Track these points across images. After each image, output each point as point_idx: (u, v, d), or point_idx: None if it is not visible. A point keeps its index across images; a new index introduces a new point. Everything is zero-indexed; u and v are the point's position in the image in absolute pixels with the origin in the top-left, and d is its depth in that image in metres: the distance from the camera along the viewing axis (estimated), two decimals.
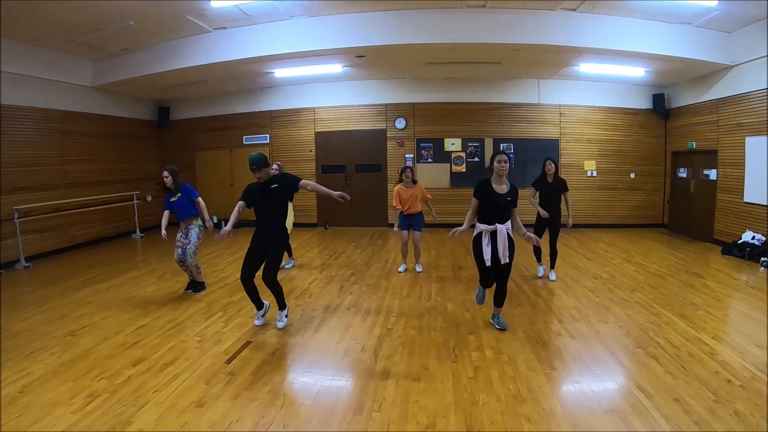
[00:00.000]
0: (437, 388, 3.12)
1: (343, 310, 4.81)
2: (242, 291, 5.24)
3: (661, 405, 2.81)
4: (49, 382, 3.26)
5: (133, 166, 10.16)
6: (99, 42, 7.46)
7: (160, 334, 4.17)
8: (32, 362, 3.59)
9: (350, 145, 10.43)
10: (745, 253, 7.06)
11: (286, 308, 4.41)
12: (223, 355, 3.69)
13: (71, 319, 4.64)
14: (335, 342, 3.94)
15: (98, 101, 9.10)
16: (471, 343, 3.92)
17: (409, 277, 6.15)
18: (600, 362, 3.47)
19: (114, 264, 7.20)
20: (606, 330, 4.14)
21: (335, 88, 10.31)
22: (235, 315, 4.69)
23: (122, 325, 4.42)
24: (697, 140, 8.84)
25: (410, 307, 4.90)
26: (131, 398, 3.01)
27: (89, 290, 5.71)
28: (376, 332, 4.15)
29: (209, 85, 9.65)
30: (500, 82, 10.00)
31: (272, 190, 4.13)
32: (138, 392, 3.09)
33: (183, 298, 5.30)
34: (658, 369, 3.32)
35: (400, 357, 3.62)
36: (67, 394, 3.07)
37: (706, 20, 6.98)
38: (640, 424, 2.60)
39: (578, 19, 6.94)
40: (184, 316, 4.66)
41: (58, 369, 3.47)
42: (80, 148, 8.68)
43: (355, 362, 3.53)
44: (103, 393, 3.08)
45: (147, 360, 3.61)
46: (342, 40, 7.16)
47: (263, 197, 4.14)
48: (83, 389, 3.13)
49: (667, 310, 4.65)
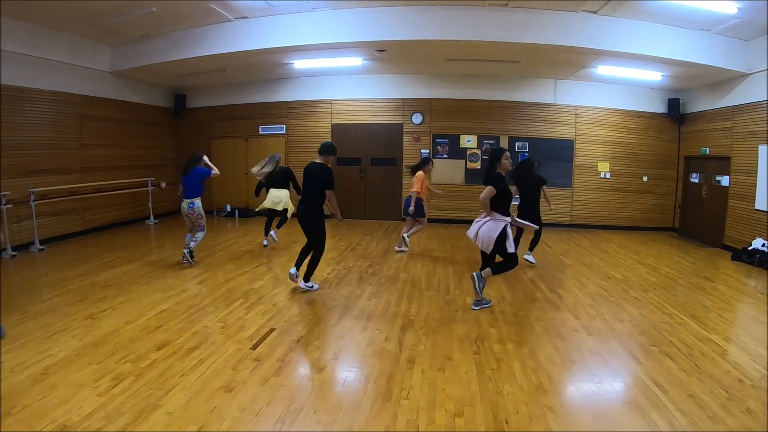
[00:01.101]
0: (462, 378, 3.21)
1: (364, 301, 4.89)
2: (262, 280, 5.55)
3: (676, 400, 2.92)
4: (73, 364, 3.25)
5: (149, 152, 10.24)
6: (120, 27, 7.52)
7: (183, 319, 4.20)
8: (54, 344, 3.59)
9: (366, 139, 10.48)
10: (754, 259, 7.11)
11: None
12: (248, 341, 3.74)
13: (91, 301, 4.66)
14: (359, 331, 4.02)
15: (116, 87, 9.16)
16: (492, 335, 4.01)
17: (427, 270, 6.24)
18: (617, 357, 3.59)
19: (131, 249, 7.29)
20: (621, 328, 4.25)
21: (353, 81, 10.36)
22: (257, 302, 4.75)
23: (143, 309, 4.44)
24: (710, 146, 8.86)
25: (430, 299, 4.99)
26: (158, 382, 3.01)
27: (108, 274, 5.76)
28: (398, 323, 4.24)
29: (227, 74, 9.70)
30: (517, 81, 10.03)
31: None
32: (164, 376, 3.10)
33: (203, 284, 5.37)
34: (672, 366, 3.43)
35: (424, 347, 3.71)
36: (92, 377, 3.06)
37: (725, 28, 7.02)
38: (658, 417, 2.71)
39: (599, 21, 6.96)
40: (205, 302, 4.71)
41: (80, 351, 3.46)
42: (97, 133, 8.75)
43: (381, 351, 3.61)
44: (128, 376, 3.08)
45: (171, 344, 3.63)
46: (364, 34, 7.20)
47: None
48: (108, 372, 3.13)
49: (680, 311, 4.75)
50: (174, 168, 11.10)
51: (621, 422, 2.69)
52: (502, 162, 4.35)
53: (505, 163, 4.36)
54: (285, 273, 5.90)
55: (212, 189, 11.20)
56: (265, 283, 5.43)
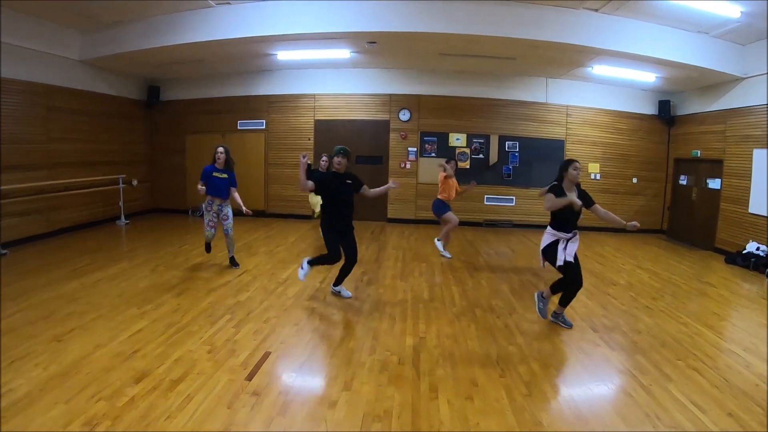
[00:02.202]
0: (494, 408, 2.85)
1: (365, 316, 4.44)
2: (248, 291, 5.01)
3: (717, 420, 2.78)
4: (38, 402, 2.70)
5: (120, 148, 9.50)
6: (92, 11, 6.84)
7: (162, 342, 3.62)
8: (15, 374, 3.01)
9: (351, 135, 10.00)
10: (749, 263, 7.09)
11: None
12: (242, 370, 3.22)
13: (57, 319, 4.04)
14: (367, 353, 3.57)
15: (85, 77, 8.41)
16: (513, 354, 3.67)
17: (426, 278, 5.87)
18: (647, 375, 3.37)
19: (102, 253, 6.63)
20: (642, 341, 4.06)
21: (337, 75, 9.87)
22: (245, 319, 4.22)
23: (116, 329, 3.85)
24: (702, 149, 8.82)
25: (437, 312, 4.59)
26: (140, 426, 2.51)
27: (76, 283, 5.12)
28: (408, 342, 3.82)
29: (205, 65, 9.07)
30: (509, 79, 9.76)
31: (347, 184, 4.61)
32: (147, 419, 2.58)
33: (182, 297, 4.79)
34: (703, 382, 3.29)
35: (444, 371, 3.32)
36: (61, 420, 2.53)
37: (724, 31, 6.99)
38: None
39: (599, 20, 6.77)
40: (186, 319, 4.14)
41: (45, 385, 2.90)
42: (65, 126, 7.99)
43: (397, 378, 3.18)
44: (103, 419, 2.55)
45: (151, 375, 3.07)
46: (356, 24, 6.73)
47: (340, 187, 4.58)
48: (79, 414, 2.60)
49: (693, 320, 4.64)
50: (147, 164, 10.40)
51: None
52: (569, 172, 3.99)
53: (572, 173, 3.99)
54: (272, 281, 5.42)
55: (187, 187, 10.52)
56: (252, 295, 4.91)
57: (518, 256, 7.43)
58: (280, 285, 5.31)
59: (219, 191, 5.70)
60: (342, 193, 4.58)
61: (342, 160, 4.55)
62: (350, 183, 4.63)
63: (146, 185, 10.41)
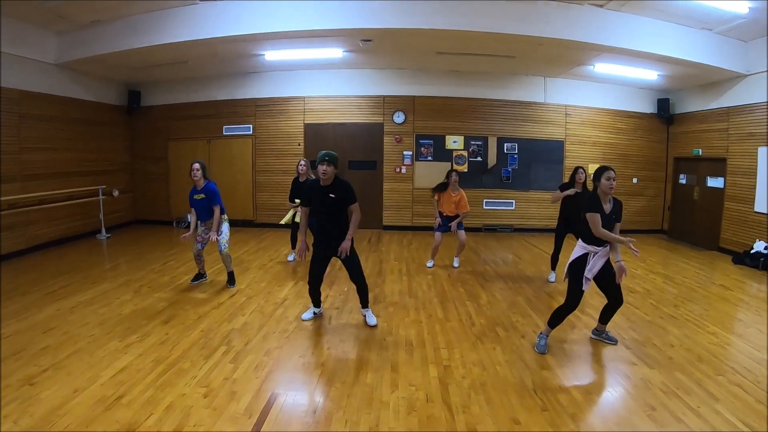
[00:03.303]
0: None
1: (378, 341, 3.98)
2: (244, 315, 4.51)
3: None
4: None
5: (100, 156, 8.90)
6: (68, 10, 6.31)
7: (150, 383, 3.13)
8: None
9: (343, 139, 9.59)
10: (758, 263, 6.95)
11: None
12: (246, 419, 2.74)
13: (30, 355, 3.54)
14: (389, 390, 3.11)
15: (62, 81, 7.82)
16: (549, 381, 3.32)
17: (436, 292, 5.47)
18: (692, 396, 3.13)
19: (80, 272, 6.06)
20: (676, 355, 3.81)
21: (328, 77, 9.43)
22: (243, 351, 3.72)
23: (96, 367, 3.35)
24: (703, 147, 8.65)
25: (456, 334, 4.18)
26: None
27: (52, 309, 4.58)
28: (432, 373, 3.39)
29: (188, 67, 8.54)
30: (506, 78, 9.45)
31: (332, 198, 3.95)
32: None
33: (169, 324, 4.26)
34: (749, 399, 3.11)
35: (479, 407, 2.92)
36: None
37: (727, 28, 6.87)
38: None
39: (604, 16, 6.53)
40: (176, 353, 3.63)
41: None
42: (40, 135, 7.40)
43: (428, 420, 2.76)
44: None
45: (140, 430, 2.61)
46: (351, 20, 6.31)
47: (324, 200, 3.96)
48: None
49: (720, 328, 4.46)
50: (128, 173, 9.82)
51: None
52: (601, 182, 3.63)
53: (604, 183, 3.61)
54: (269, 302, 4.96)
55: (170, 197, 9.97)
56: (248, 320, 4.42)
57: (525, 263, 7.10)
58: (279, 306, 4.83)
59: (201, 214, 5.18)
60: (325, 207, 3.96)
61: (327, 168, 3.86)
62: (333, 197, 3.93)
63: (128, 196, 9.81)
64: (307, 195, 4.07)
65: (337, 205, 3.96)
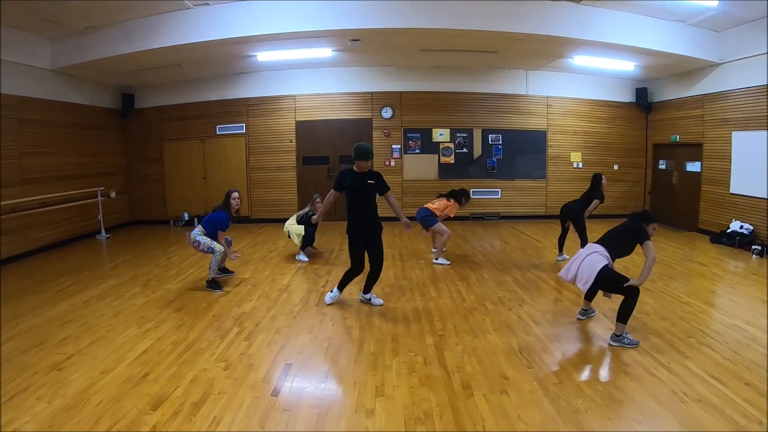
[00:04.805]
0: (531, 399, 2.86)
1: (378, 318, 4.33)
2: (251, 301, 4.81)
3: (738, 391, 2.92)
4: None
5: (96, 159, 9.08)
6: (62, 17, 6.49)
7: (172, 362, 3.40)
8: (17, 412, 2.72)
9: (334, 135, 9.88)
10: (734, 242, 7.33)
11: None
12: (265, 385, 3.05)
13: (52, 345, 3.74)
14: (391, 357, 3.47)
15: (57, 86, 7.98)
16: (534, 344, 3.69)
17: (428, 274, 5.83)
18: (664, 354, 3.48)
19: (86, 271, 6.28)
20: (651, 322, 4.18)
21: (317, 75, 9.70)
22: (255, 330, 4.03)
23: (119, 352, 3.59)
24: (680, 133, 9.06)
25: (448, 309, 4.54)
26: None
27: (65, 305, 4.79)
28: (429, 341, 3.75)
29: (181, 70, 8.75)
30: (489, 72, 9.80)
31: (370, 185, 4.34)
32: None
33: (182, 311, 4.54)
34: (716, 356, 3.43)
35: (471, 367, 3.28)
36: None
37: (700, 19, 7.19)
38: (732, 411, 2.69)
39: (580, 11, 6.88)
40: (192, 335, 3.92)
41: (53, 421, 2.63)
42: (38, 140, 7.56)
43: (427, 379, 3.11)
44: None
45: (169, 400, 2.86)
46: (340, 21, 6.61)
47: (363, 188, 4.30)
48: None
49: (694, 299, 4.79)
50: (124, 175, 10.01)
51: (705, 422, 2.60)
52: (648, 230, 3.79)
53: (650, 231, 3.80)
54: (273, 289, 5.26)
55: (166, 196, 10.19)
56: (256, 304, 4.73)
57: (512, 247, 7.46)
58: (283, 292, 5.15)
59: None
60: (363, 191, 4.33)
61: (367, 162, 4.35)
62: (372, 183, 4.36)
63: (124, 197, 10.00)
64: (343, 180, 4.35)
65: (373, 191, 4.37)
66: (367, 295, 4.72)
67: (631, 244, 3.80)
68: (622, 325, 3.61)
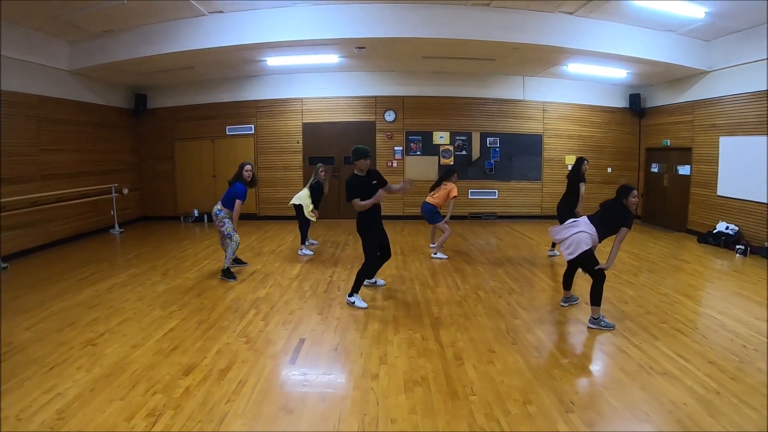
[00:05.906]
0: (513, 369, 3.28)
1: (381, 302, 4.78)
2: (265, 288, 5.25)
3: (700, 367, 3.28)
4: (92, 402, 2.78)
5: (110, 157, 9.51)
6: (82, 21, 6.89)
7: (198, 337, 3.80)
8: (58, 380, 3.07)
9: (339, 137, 10.30)
10: (720, 241, 7.67)
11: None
12: (283, 355, 3.49)
13: (83, 325, 4.12)
14: (392, 333, 3.92)
15: (74, 86, 8.41)
16: (520, 326, 4.11)
17: (428, 267, 6.23)
18: (637, 336, 3.86)
19: (105, 261, 6.70)
20: (628, 309, 4.56)
21: (324, 79, 10.14)
22: (271, 312, 4.47)
23: (147, 330, 3.97)
24: (671, 138, 9.45)
25: (445, 296, 4.98)
26: (203, 413, 2.67)
27: (90, 291, 5.19)
28: (426, 322, 4.18)
29: (193, 73, 9.19)
30: (488, 78, 10.22)
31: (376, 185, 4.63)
32: (208, 405, 2.75)
33: (202, 297, 4.96)
34: (685, 339, 3.80)
35: (463, 343, 3.71)
36: (122, 415, 2.63)
37: (689, 29, 7.51)
38: (692, 383, 3.04)
39: (574, 22, 7.23)
40: (213, 316, 4.35)
41: (94, 386, 2.98)
42: (56, 137, 7.98)
43: (424, 351, 3.55)
44: (166, 410, 2.69)
45: (198, 367, 3.25)
46: (346, 30, 7.02)
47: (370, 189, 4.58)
48: (139, 407, 2.71)
49: (672, 292, 5.16)
50: (136, 172, 10.43)
51: (666, 391, 2.94)
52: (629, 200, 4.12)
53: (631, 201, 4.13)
54: (285, 277, 5.68)
55: (177, 193, 10.61)
56: (270, 291, 5.16)
57: (507, 245, 7.86)
58: (294, 280, 5.59)
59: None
60: (372, 192, 4.59)
61: (367, 161, 4.61)
62: (376, 183, 4.66)
63: (135, 194, 10.43)
64: (359, 186, 4.54)
65: (377, 189, 4.67)
66: (372, 278, 5.19)
67: (617, 226, 4.14)
68: (597, 308, 4.02)
